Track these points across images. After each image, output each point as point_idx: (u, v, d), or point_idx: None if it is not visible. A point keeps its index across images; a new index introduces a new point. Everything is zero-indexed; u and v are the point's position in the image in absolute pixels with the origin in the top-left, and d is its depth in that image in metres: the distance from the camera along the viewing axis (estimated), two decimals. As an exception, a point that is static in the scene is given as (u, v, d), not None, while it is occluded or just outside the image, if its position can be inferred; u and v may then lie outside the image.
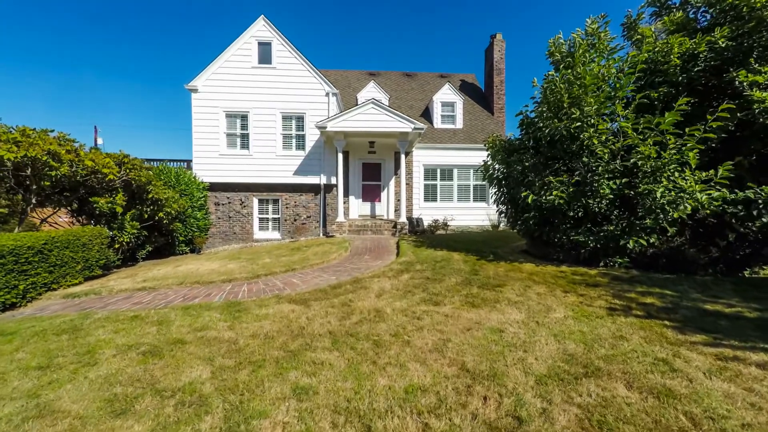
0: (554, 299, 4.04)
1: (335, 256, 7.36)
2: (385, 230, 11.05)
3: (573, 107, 5.74)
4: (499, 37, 16.55)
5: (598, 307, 3.68)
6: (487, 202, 14.08)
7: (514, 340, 2.92)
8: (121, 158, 7.35)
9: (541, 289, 4.45)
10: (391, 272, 5.62)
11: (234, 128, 12.10)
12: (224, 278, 5.71)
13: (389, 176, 13.29)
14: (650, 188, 4.67)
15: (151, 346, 2.91)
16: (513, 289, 4.50)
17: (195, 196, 10.92)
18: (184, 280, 5.66)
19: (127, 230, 7.73)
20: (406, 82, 18.09)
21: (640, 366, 2.36)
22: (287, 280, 5.57)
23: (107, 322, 3.54)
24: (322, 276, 5.74)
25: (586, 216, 5.91)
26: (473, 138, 14.51)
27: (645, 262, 5.22)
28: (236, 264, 6.87)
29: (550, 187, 5.68)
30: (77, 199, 7.19)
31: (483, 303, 3.95)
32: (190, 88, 11.71)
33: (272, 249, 8.80)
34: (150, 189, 8.05)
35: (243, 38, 11.90)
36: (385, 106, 10.82)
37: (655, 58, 5.48)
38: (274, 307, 3.98)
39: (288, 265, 6.54)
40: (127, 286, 5.52)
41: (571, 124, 5.58)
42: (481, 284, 4.76)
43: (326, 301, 4.22)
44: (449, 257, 6.67)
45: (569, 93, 5.74)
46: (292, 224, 12.34)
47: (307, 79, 12.12)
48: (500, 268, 5.79)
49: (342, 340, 3.03)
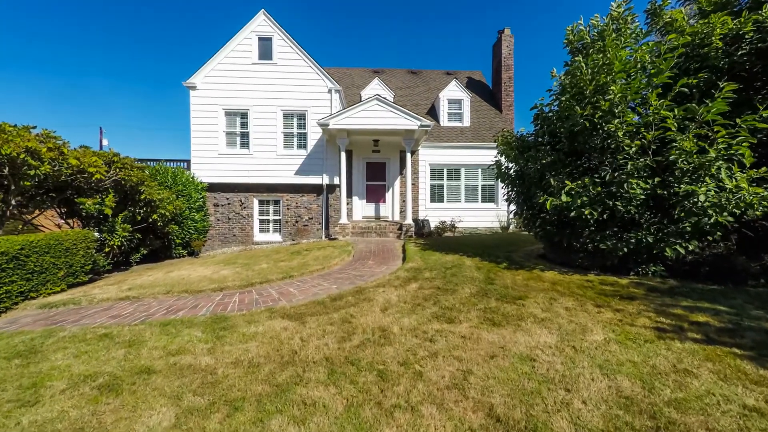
0: (587, 316, 3.49)
1: (337, 261, 6.86)
2: (390, 232, 10.53)
3: (598, 95, 5.17)
4: (507, 32, 15.95)
5: (642, 327, 3.12)
6: (496, 202, 13.51)
7: (551, 374, 2.38)
8: (110, 157, 6.93)
9: (569, 303, 3.90)
10: (398, 281, 5.10)
11: (233, 127, 11.67)
12: (215, 287, 5.23)
13: (394, 176, 12.77)
14: (691, 189, 4.09)
15: (111, 377, 2.42)
16: (537, 302, 3.96)
17: (193, 197, 10.50)
18: (171, 289, 5.20)
19: (118, 233, 7.31)
20: (411, 80, 17.57)
21: (728, 420, 1.80)
22: (284, 289, 5.08)
23: (71, 343, 3.07)
24: (322, 284, 5.24)
25: (611, 219, 5.34)
26: (481, 136, 13.94)
27: (683, 271, 4.64)
28: (230, 270, 6.40)
29: (574, 194, 5.11)
30: (64, 201, 6.78)
31: (505, 320, 3.42)
32: (189, 85, 11.31)
33: (271, 253, 8.33)
34: (142, 190, 7.62)
35: (243, 33, 11.47)
36: (390, 103, 10.31)
37: (692, 41, 4.90)
38: (265, 324, 3.49)
39: (286, 271, 6.05)
40: (110, 294, 5.07)
41: (594, 113, 5.02)
42: (500, 296, 4.22)
43: (325, 316, 3.71)
44: (460, 263, 6.13)
45: (595, 81, 5.18)
46: (293, 226, 11.87)
47: (308, 75, 11.66)
48: (518, 276, 5.24)
49: (340, 371, 2.52)
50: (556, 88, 6.38)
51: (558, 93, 6.23)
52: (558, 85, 6.20)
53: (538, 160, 6.10)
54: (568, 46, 6.21)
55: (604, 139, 5.02)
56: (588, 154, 5.81)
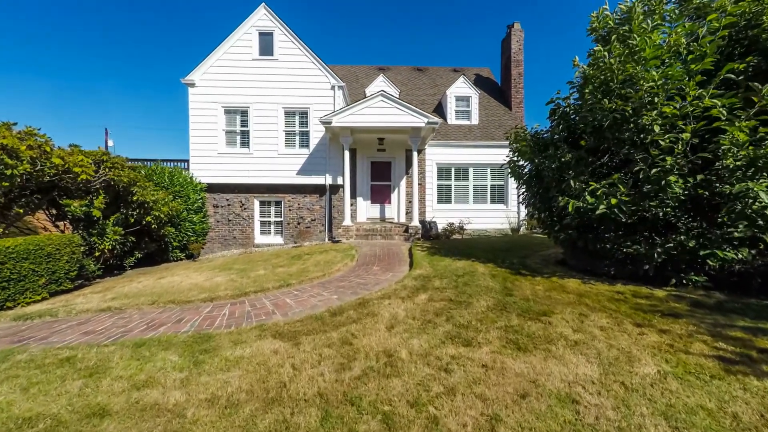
0: (627, 338, 2.97)
1: (339, 267, 6.39)
2: (395, 235, 10.04)
3: (627, 86, 4.64)
4: (517, 26, 15.37)
5: (701, 356, 2.60)
6: (506, 203, 12.95)
7: (603, 425, 1.88)
8: (99, 156, 6.54)
9: (602, 320, 3.37)
10: (405, 291, 4.62)
11: (233, 125, 11.28)
12: (205, 296, 4.79)
13: (400, 176, 12.28)
14: (747, 187, 3.54)
15: (53, 423, 1.97)
16: (565, 319, 3.44)
17: (191, 198, 10.13)
18: (158, 299, 4.77)
19: (108, 236, 6.93)
20: (417, 77, 17.07)
21: None
22: (280, 299, 4.62)
23: (25, 370, 2.64)
24: (322, 294, 4.77)
25: (641, 222, 4.80)
26: (490, 134, 13.39)
27: (730, 283, 4.08)
28: (225, 277, 5.97)
29: (599, 195, 4.58)
30: (51, 202, 6.41)
31: (531, 343, 2.91)
32: (187, 82, 10.94)
33: (270, 257, 7.89)
34: (135, 191, 7.24)
35: (243, 28, 11.08)
36: (396, 99, 9.82)
37: (738, 22, 4.34)
38: (253, 345, 3.03)
39: (284, 278, 5.59)
40: (92, 305, 4.66)
41: (625, 106, 4.49)
42: (521, 310, 3.71)
43: (322, 335, 3.24)
44: (472, 269, 5.63)
45: (623, 69, 4.65)
46: (295, 228, 11.44)
47: (311, 71, 11.22)
48: (538, 285, 4.72)
49: (337, 413, 2.04)
50: (577, 79, 5.86)
51: (580, 85, 5.70)
52: (579, 76, 5.68)
53: (556, 158, 5.57)
54: (592, 34, 5.67)
55: (637, 134, 4.48)
56: (613, 150, 5.27)
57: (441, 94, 15.16)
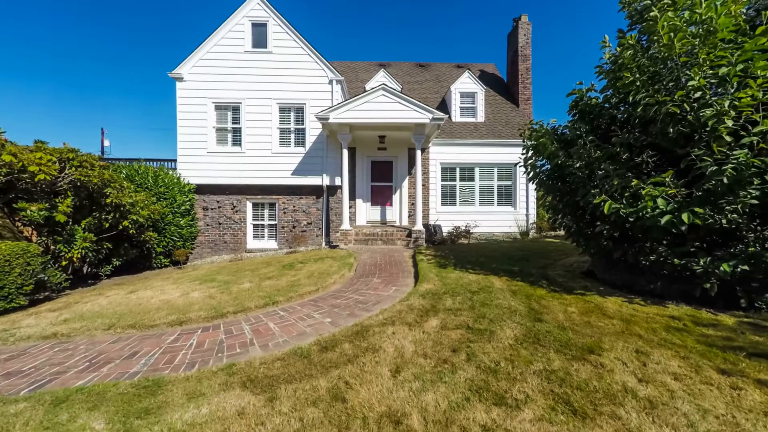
0: (719, 396, 2.20)
1: (335, 279, 5.63)
2: (397, 239, 9.28)
3: (684, 70, 3.87)
4: (525, 19, 14.62)
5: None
6: (514, 205, 12.18)
7: None
8: (64, 153, 5.79)
9: (671, 363, 2.60)
10: (412, 313, 3.84)
11: (224, 122, 10.53)
12: (174, 319, 4.03)
13: (402, 176, 11.52)
14: None
15: None
16: (620, 358, 2.67)
17: (178, 200, 9.37)
18: (118, 321, 4.01)
19: (77, 243, 6.18)
20: (419, 73, 16.32)
21: None
22: (261, 323, 3.85)
23: None
24: (313, 316, 4.00)
25: (693, 230, 4.03)
26: (497, 132, 12.63)
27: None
28: (203, 291, 5.20)
29: (646, 197, 3.80)
30: (7, 205, 5.66)
31: (588, 402, 2.14)
32: (175, 76, 10.20)
33: (260, 265, 7.14)
34: (108, 192, 6.49)
35: (234, 19, 10.34)
36: (398, 93, 9.06)
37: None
38: (213, 402, 2.26)
39: (270, 294, 4.83)
40: (38, 329, 3.90)
41: (688, 94, 3.70)
42: (560, 344, 2.94)
43: (307, 383, 2.47)
44: (488, 284, 4.86)
45: (676, 46, 3.88)
46: (290, 232, 10.68)
47: (307, 64, 10.47)
48: (570, 306, 3.95)
49: None
50: (605, 66, 5.09)
51: (612, 70, 4.93)
52: (611, 59, 4.90)
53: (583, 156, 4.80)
54: (625, 8, 4.91)
55: (698, 127, 3.70)
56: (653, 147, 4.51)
57: (444, 91, 14.42)
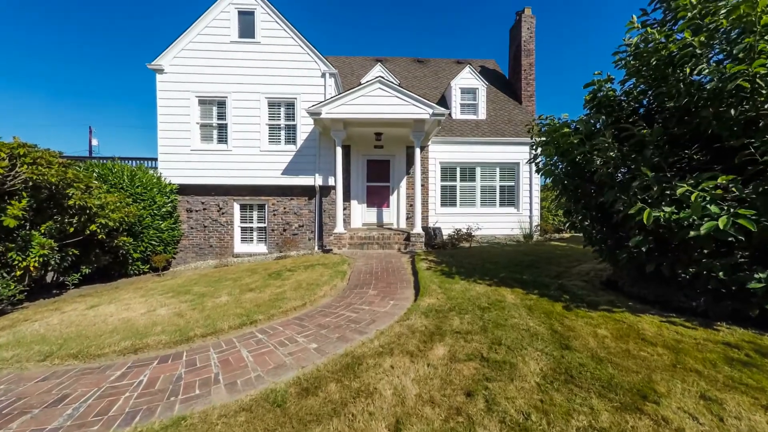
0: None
1: (325, 291, 4.99)
2: (395, 243, 8.65)
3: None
4: (528, 12, 14.08)
5: None
6: (518, 207, 11.62)
7: None
8: (14, 149, 5.09)
9: (755, 416, 2.00)
10: (413, 337, 3.21)
11: (209, 117, 9.85)
12: (129, 344, 3.36)
13: (400, 176, 10.89)
14: None
15: None
16: (684, 408, 2.06)
17: (158, 202, 8.67)
18: (59, 349, 3.34)
19: (34, 250, 5.48)
20: (417, 69, 15.72)
21: None
22: (232, 352, 3.20)
23: None
24: (296, 340, 3.36)
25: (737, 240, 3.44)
26: (499, 130, 12.06)
27: None
28: (173, 307, 4.53)
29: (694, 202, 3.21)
30: (-51, 209, 4.95)
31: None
32: (154, 67, 9.49)
33: (244, 273, 6.47)
34: (71, 193, 5.79)
35: (219, 6, 9.66)
36: (396, 87, 8.43)
37: None
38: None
39: (248, 312, 4.18)
40: (-38, 358, 3.22)
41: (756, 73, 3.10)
42: (601, 385, 2.33)
43: (275, 450, 1.83)
44: (499, 298, 4.24)
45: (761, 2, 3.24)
46: (280, 235, 10.02)
47: (298, 56, 9.83)
48: (599, 328, 3.34)
49: None
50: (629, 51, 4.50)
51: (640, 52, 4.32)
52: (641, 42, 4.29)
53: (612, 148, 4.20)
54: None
55: (756, 114, 3.11)
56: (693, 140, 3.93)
57: (444, 87, 13.83)
